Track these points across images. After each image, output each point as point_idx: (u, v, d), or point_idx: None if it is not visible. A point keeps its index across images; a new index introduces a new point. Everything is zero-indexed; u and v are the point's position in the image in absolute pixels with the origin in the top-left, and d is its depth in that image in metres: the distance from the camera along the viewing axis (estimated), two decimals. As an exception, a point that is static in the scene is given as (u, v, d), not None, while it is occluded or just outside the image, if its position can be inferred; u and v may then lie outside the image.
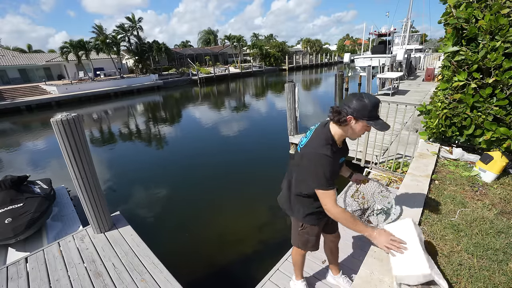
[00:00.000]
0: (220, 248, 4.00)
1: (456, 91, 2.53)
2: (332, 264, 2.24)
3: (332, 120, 1.37)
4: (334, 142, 1.40)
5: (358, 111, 1.26)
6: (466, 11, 2.27)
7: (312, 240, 1.75)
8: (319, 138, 1.39)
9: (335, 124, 1.37)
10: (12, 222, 3.40)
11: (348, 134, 1.38)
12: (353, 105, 1.27)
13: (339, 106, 1.34)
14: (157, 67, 32.11)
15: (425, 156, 2.74)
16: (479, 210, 1.85)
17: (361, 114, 1.26)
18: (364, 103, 1.25)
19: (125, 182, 6.47)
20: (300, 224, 1.70)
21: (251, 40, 46.58)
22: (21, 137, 11.74)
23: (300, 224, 1.71)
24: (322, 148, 1.34)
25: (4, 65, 25.15)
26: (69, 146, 2.65)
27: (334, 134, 1.39)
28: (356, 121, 1.30)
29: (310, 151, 1.38)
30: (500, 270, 1.34)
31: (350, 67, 27.90)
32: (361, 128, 1.33)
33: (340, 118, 1.31)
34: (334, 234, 1.99)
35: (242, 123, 12.07)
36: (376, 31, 21.11)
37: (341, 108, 1.32)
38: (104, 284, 2.49)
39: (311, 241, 1.76)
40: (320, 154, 1.32)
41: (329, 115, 1.39)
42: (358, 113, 1.27)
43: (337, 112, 1.32)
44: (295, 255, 1.99)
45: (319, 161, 1.32)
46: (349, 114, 1.28)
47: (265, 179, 6.13)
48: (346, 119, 1.29)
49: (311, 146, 1.40)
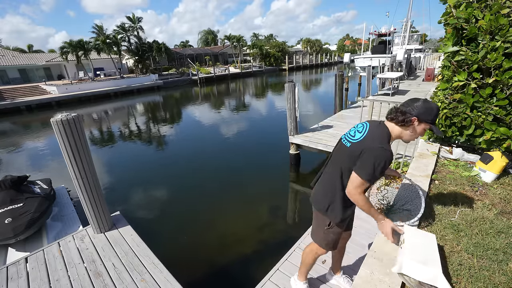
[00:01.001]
0: (220, 248, 4.00)
1: (456, 91, 2.53)
2: (335, 263, 2.24)
3: (395, 119, 1.41)
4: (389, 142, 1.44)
5: (425, 114, 1.34)
6: (466, 11, 2.27)
7: (336, 240, 1.74)
8: (381, 135, 1.41)
9: (397, 124, 1.42)
10: (12, 222, 3.41)
11: (404, 136, 1.43)
12: (419, 107, 1.35)
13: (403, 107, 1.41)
14: (157, 67, 32.11)
15: (425, 156, 2.74)
16: (479, 210, 1.85)
17: (425, 116, 1.34)
18: (430, 106, 1.34)
19: (125, 182, 6.47)
20: (328, 223, 1.67)
21: (251, 40, 46.64)
22: (21, 137, 11.74)
23: (327, 223, 1.68)
24: (387, 144, 1.37)
25: (4, 65, 25.15)
26: (69, 146, 2.65)
27: (392, 134, 1.43)
28: (419, 123, 1.37)
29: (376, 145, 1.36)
30: (500, 270, 1.34)
31: (350, 67, 27.91)
32: (421, 130, 1.39)
33: (405, 118, 1.37)
34: (349, 231, 1.99)
35: (242, 123, 12.08)
36: (376, 31, 21.11)
37: (405, 109, 1.38)
38: (104, 284, 2.48)
39: (335, 241, 1.74)
40: (385, 150, 1.34)
41: (390, 116, 1.45)
42: (424, 116, 1.34)
43: (402, 113, 1.38)
44: (310, 255, 1.93)
45: (382, 155, 1.33)
46: (414, 116, 1.35)
47: (265, 179, 6.13)
48: (411, 119, 1.36)
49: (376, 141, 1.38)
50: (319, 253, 1.86)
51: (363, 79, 14.66)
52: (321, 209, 1.67)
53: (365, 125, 1.50)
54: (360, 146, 1.41)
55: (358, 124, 1.55)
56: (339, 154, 1.56)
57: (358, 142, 1.44)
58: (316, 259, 1.95)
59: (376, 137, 1.40)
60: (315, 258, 1.93)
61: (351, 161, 1.44)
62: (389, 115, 1.46)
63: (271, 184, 5.86)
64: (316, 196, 1.73)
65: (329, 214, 1.64)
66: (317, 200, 1.71)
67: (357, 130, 1.51)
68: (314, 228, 1.82)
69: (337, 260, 2.22)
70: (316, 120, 9.37)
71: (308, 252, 1.93)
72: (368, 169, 1.34)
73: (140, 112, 16.69)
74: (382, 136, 1.40)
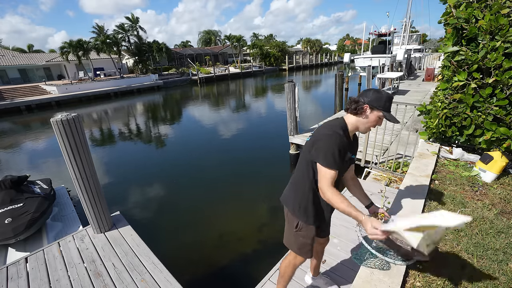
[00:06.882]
0: (220, 248, 4.00)
1: (456, 91, 2.53)
2: (314, 266, 2.22)
3: (349, 109, 1.47)
4: (347, 131, 1.46)
5: (375, 101, 1.39)
6: (466, 11, 2.27)
7: (308, 244, 1.68)
8: (332, 124, 1.46)
9: (351, 113, 1.46)
10: (12, 222, 3.40)
11: (361, 124, 1.45)
12: (370, 95, 1.40)
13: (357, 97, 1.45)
14: (157, 67, 32.10)
15: (425, 156, 2.74)
16: (479, 210, 1.85)
17: (377, 103, 1.38)
18: (381, 94, 1.40)
19: (125, 182, 6.47)
20: (295, 224, 1.64)
21: (251, 40, 46.64)
22: (21, 137, 11.73)
23: (295, 224, 1.65)
24: (336, 127, 1.42)
25: (4, 65, 25.14)
26: (69, 146, 2.65)
27: (348, 124, 1.47)
28: (371, 111, 1.41)
29: (325, 129, 1.44)
30: (500, 270, 1.35)
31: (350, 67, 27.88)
32: (375, 118, 1.42)
33: (357, 106, 1.41)
34: (325, 238, 1.96)
35: (242, 123, 12.07)
36: (376, 31, 21.07)
37: (358, 98, 1.43)
38: (104, 284, 2.48)
39: (307, 246, 1.69)
40: (334, 132, 1.39)
41: (346, 106, 1.51)
42: (374, 103, 1.39)
43: (354, 102, 1.44)
44: (289, 268, 1.85)
45: (332, 139, 1.37)
46: (365, 103, 1.40)
47: (265, 179, 6.13)
48: (363, 107, 1.40)
49: (326, 126, 1.46)
50: (297, 264, 1.81)
51: (363, 79, 14.66)
52: (290, 208, 1.67)
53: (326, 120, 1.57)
54: (312, 136, 1.49)
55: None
56: (303, 150, 1.60)
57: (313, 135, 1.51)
58: (294, 271, 1.89)
59: (327, 125, 1.46)
60: (294, 269, 1.87)
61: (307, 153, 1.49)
62: (346, 106, 1.52)
63: (271, 184, 5.85)
64: (285, 194, 1.75)
65: (297, 214, 1.63)
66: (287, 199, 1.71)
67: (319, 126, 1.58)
68: (285, 230, 1.79)
69: (315, 263, 2.19)
70: (316, 120, 9.36)
71: (287, 265, 1.85)
72: (323, 153, 1.37)
73: (140, 112, 16.68)
74: (333, 124, 1.45)
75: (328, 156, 1.35)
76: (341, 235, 2.88)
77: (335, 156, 1.35)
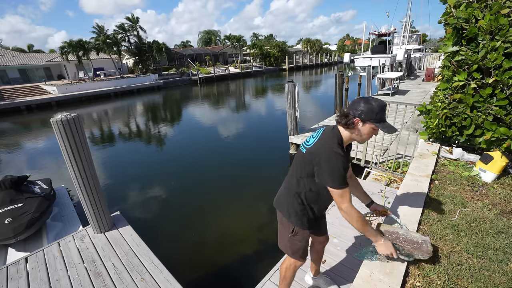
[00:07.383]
0: (220, 248, 4.00)
1: (456, 91, 2.53)
2: (314, 265, 2.22)
3: (339, 123, 1.39)
4: (342, 144, 1.40)
5: (366, 114, 1.29)
6: (466, 11, 2.27)
7: (303, 248, 1.68)
8: (331, 138, 1.39)
9: (343, 127, 1.39)
10: (12, 222, 3.40)
11: (355, 137, 1.39)
12: (360, 107, 1.30)
13: (347, 110, 1.37)
14: (157, 67, 32.10)
15: (425, 156, 2.74)
16: (479, 210, 1.85)
17: (368, 116, 1.29)
18: (371, 105, 1.29)
19: (125, 182, 6.46)
20: (291, 230, 1.63)
21: (251, 40, 46.62)
22: (21, 137, 11.73)
23: (290, 230, 1.63)
24: (336, 147, 1.34)
25: (4, 65, 25.13)
26: (69, 146, 2.65)
27: (343, 136, 1.40)
28: (363, 124, 1.33)
29: (326, 149, 1.35)
30: (500, 270, 1.35)
31: (350, 67, 27.91)
32: (368, 131, 1.34)
33: (347, 121, 1.34)
34: (324, 236, 1.95)
35: (242, 123, 12.08)
36: (376, 31, 21.06)
37: (348, 111, 1.34)
38: (104, 284, 2.49)
39: (302, 249, 1.69)
40: (336, 153, 1.32)
41: (336, 119, 1.43)
42: (365, 116, 1.29)
43: (344, 115, 1.35)
44: (289, 271, 1.84)
45: (335, 159, 1.31)
46: (356, 117, 1.31)
47: (265, 179, 6.13)
48: (354, 121, 1.32)
49: (325, 144, 1.37)
50: (297, 266, 1.80)
51: (363, 79, 14.65)
52: (285, 214, 1.64)
53: (320, 130, 1.50)
54: (311, 150, 1.42)
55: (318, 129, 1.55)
56: (296, 160, 1.56)
57: (310, 147, 1.44)
58: (295, 273, 1.88)
59: (327, 140, 1.38)
60: (295, 271, 1.86)
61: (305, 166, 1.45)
62: (337, 118, 1.43)
63: (271, 184, 5.85)
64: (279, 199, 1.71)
65: (293, 220, 1.60)
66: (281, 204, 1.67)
67: (312, 135, 1.51)
68: (279, 234, 1.76)
69: (315, 263, 2.18)
70: (316, 120, 9.36)
71: (287, 267, 1.83)
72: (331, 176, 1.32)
73: (140, 112, 16.68)
74: (332, 138, 1.38)
75: (336, 178, 1.31)
76: (341, 235, 2.88)
77: (342, 174, 1.32)
